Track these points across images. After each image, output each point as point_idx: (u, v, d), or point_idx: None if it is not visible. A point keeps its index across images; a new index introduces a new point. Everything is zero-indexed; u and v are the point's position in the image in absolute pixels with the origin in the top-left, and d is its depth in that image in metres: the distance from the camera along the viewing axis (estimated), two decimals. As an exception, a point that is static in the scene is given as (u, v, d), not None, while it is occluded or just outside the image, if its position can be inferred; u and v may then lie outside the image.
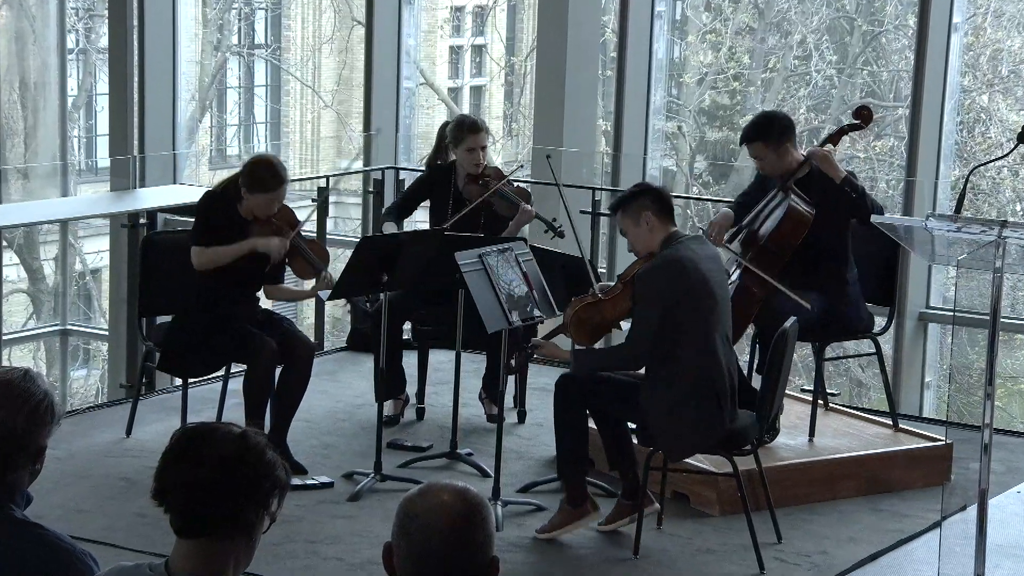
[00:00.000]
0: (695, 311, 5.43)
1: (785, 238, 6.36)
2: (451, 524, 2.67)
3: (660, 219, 5.53)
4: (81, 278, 17.03)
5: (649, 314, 5.46)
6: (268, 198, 6.28)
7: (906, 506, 6.30)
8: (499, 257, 5.93)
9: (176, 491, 2.76)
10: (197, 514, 2.75)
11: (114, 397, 8.58)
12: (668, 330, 5.44)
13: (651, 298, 5.46)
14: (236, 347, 6.34)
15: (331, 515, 6.04)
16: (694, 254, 5.47)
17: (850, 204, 6.31)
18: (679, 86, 16.97)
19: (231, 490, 2.74)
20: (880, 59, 16.51)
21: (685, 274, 5.44)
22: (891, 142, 15.96)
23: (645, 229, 5.54)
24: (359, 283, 6.42)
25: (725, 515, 6.06)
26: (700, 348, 5.44)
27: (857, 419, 6.99)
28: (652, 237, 5.54)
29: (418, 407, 7.32)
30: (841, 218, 6.43)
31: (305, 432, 6.94)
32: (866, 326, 6.67)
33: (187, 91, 16.41)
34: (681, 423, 5.47)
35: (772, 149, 6.42)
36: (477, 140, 7.08)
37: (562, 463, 5.83)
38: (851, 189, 6.31)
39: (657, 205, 5.53)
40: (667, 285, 5.44)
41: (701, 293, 5.44)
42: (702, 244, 5.61)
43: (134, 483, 6.26)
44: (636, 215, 5.55)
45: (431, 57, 19.45)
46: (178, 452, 2.79)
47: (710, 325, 5.46)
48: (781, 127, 6.48)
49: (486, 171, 7.13)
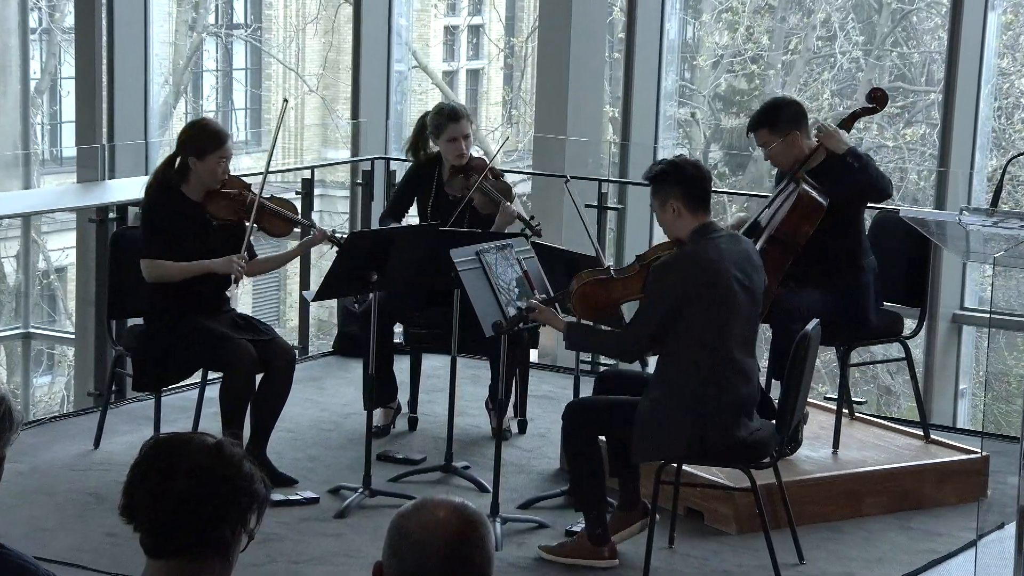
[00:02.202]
0: (708, 314, 5.42)
1: (797, 227, 6.37)
2: (447, 543, 2.67)
3: (690, 208, 5.49)
4: (45, 277, 17.03)
5: (655, 309, 5.46)
6: (218, 158, 6.33)
7: (938, 524, 6.31)
8: (498, 254, 5.93)
9: (146, 507, 2.76)
10: (169, 532, 2.75)
11: (81, 406, 8.57)
12: (676, 329, 5.42)
13: (661, 293, 5.45)
14: (212, 353, 6.35)
15: (316, 533, 6.04)
16: (720, 254, 5.44)
17: (855, 178, 6.32)
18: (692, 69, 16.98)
19: (206, 505, 2.74)
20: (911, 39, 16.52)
21: (703, 275, 5.42)
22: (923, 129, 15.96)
23: (672, 215, 5.51)
24: (347, 282, 6.42)
25: (742, 533, 6.06)
26: (709, 353, 5.42)
27: (885, 429, 6.99)
28: (680, 225, 5.50)
29: (410, 416, 7.33)
30: (853, 204, 6.46)
31: (288, 444, 6.94)
32: (884, 328, 6.67)
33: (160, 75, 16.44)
34: (654, 422, 5.45)
35: (778, 137, 6.44)
36: (459, 129, 7.08)
37: (581, 499, 5.80)
38: (854, 159, 6.35)
39: (687, 194, 5.46)
40: (680, 283, 5.43)
41: (718, 296, 5.42)
42: (735, 242, 5.56)
43: (102, 499, 6.27)
44: (663, 200, 5.51)
45: (424, 38, 19.46)
46: (148, 465, 2.79)
47: (726, 331, 5.43)
48: (790, 114, 6.51)
49: (471, 162, 7.13)
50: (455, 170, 7.12)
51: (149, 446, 2.82)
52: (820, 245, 6.43)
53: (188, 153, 6.34)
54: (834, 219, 6.41)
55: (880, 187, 6.43)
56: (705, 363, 5.43)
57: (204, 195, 6.40)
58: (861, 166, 6.35)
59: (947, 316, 8.81)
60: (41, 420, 7.58)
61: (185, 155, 6.36)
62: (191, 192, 6.40)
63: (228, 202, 6.44)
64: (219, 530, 2.75)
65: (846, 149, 6.38)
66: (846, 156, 6.37)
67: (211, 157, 6.33)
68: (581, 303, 5.69)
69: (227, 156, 6.39)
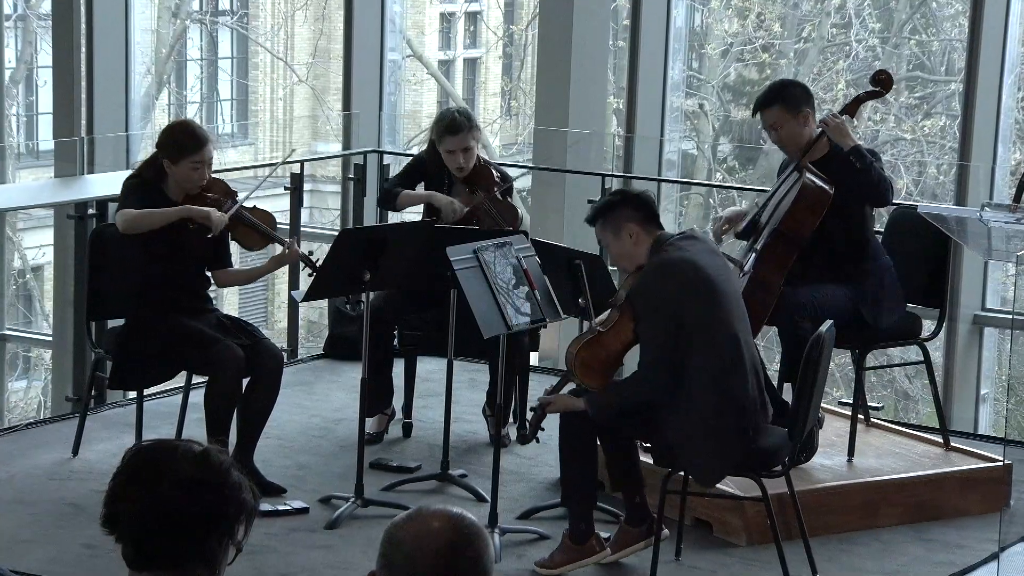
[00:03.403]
0: (703, 315, 5.45)
1: (801, 219, 6.38)
2: (438, 554, 2.67)
3: (645, 229, 5.58)
4: (21, 276, 17.04)
5: (656, 330, 5.49)
6: (194, 162, 6.33)
7: (959, 535, 6.31)
8: (496, 253, 5.94)
9: (129, 518, 2.77)
10: (153, 544, 2.76)
11: (59, 412, 8.58)
12: (679, 340, 5.45)
13: (653, 312, 5.49)
14: (197, 354, 6.35)
15: (306, 545, 6.05)
16: (687, 253, 5.50)
17: (855, 178, 6.32)
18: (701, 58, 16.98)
19: (191, 516, 2.75)
20: (930, 27, 16.53)
21: (683, 276, 5.46)
22: (942, 121, 15.98)
23: (629, 242, 5.59)
24: (338, 282, 6.42)
25: (752, 545, 6.07)
26: (715, 353, 5.45)
27: (903, 436, 6.99)
28: (639, 250, 5.59)
29: (405, 422, 7.33)
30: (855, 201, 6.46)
31: (276, 451, 6.95)
32: (901, 329, 6.66)
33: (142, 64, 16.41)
34: (708, 442, 5.48)
35: (792, 116, 6.45)
36: (456, 142, 7.05)
37: (569, 493, 5.83)
38: (856, 158, 6.33)
39: (641, 214, 5.58)
40: (666, 293, 5.47)
41: (705, 293, 5.46)
42: (694, 240, 5.64)
43: (82, 509, 6.27)
44: (617, 227, 5.60)
45: (419, 25, 19.47)
46: (131, 473, 2.79)
47: (724, 326, 5.47)
48: (803, 92, 6.55)
49: (478, 173, 7.09)
50: (464, 182, 7.10)
51: (132, 454, 2.82)
52: (824, 237, 6.42)
53: (163, 156, 6.36)
54: (837, 214, 6.40)
55: (879, 193, 6.40)
56: (714, 364, 5.44)
57: (184, 197, 6.41)
58: (864, 167, 6.33)
59: (968, 317, 8.81)
60: (17, 427, 7.57)
61: (160, 158, 6.38)
62: (171, 192, 6.41)
63: (206, 205, 6.44)
64: (205, 542, 2.76)
65: (851, 146, 6.37)
66: (850, 154, 6.35)
67: (185, 162, 6.33)
68: (585, 372, 5.69)
69: (204, 161, 6.37)
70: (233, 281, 6.91)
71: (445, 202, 7.05)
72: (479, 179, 7.09)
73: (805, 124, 6.47)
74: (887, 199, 6.47)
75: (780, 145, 6.58)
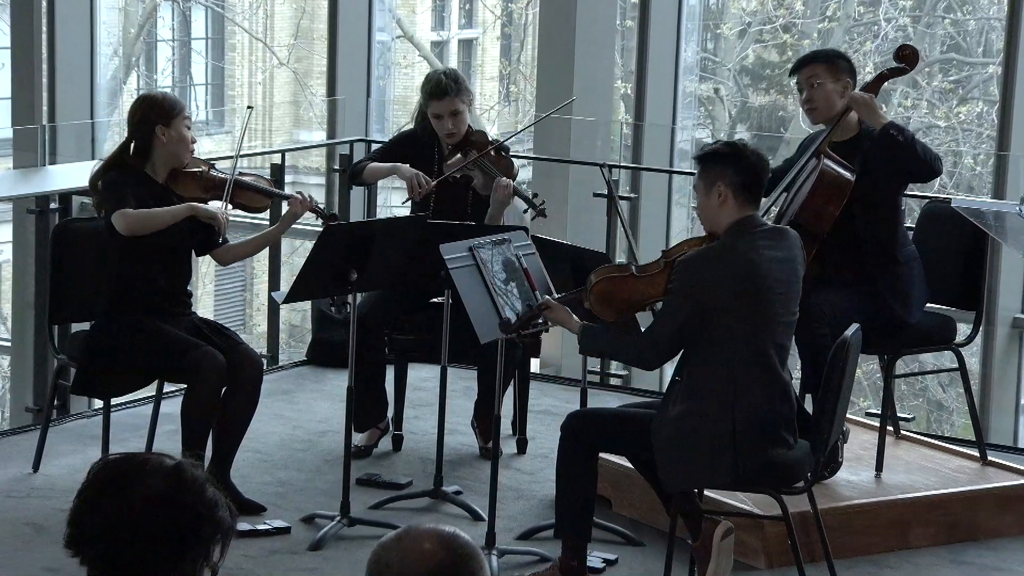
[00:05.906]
0: (739, 319, 5.42)
1: (819, 209, 6.38)
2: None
3: (737, 198, 5.51)
4: (-23, 276, 17.04)
5: (678, 310, 5.47)
6: (186, 118, 6.41)
7: (996, 558, 6.32)
8: (494, 250, 5.95)
9: (95, 538, 2.77)
10: (121, 566, 2.77)
11: (18, 423, 8.58)
12: (703, 335, 5.44)
13: (686, 292, 5.46)
14: (174, 361, 6.34)
15: (287, 567, 6.06)
16: (757, 253, 5.44)
17: (898, 155, 6.32)
18: (716, 39, 17.00)
19: (162, 536, 2.75)
20: (966, 5, 16.55)
21: (736, 277, 5.42)
22: (979, 107, 16.00)
23: (716, 202, 5.52)
24: (322, 282, 6.42)
25: (772, 568, 6.08)
26: (741, 363, 5.44)
27: (936, 450, 7.01)
28: (722, 215, 5.52)
29: (395, 434, 7.34)
30: (889, 186, 6.46)
31: (256, 466, 6.96)
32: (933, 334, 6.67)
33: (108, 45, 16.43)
34: (687, 445, 5.46)
35: (833, 77, 6.49)
36: (443, 106, 7.06)
37: (562, 523, 5.82)
38: (897, 132, 6.34)
39: (741, 180, 5.49)
40: (709, 281, 5.44)
41: (751, 299, 5.42)
42: (778, 241, 5.56)
43: (42, 529, 6.27)
44: (711, 182, 5.53)
45: (410, 4, 19.49)
46: (98, 490, 2.80)
47: (760, 339, 5.44)
48: (848, 63, 6.63)
49: (470, 137, 7.09)
50: (453, 148, 7.10)
51: (98, 469, 2.83)
52: (848, 233, 6.42)
53: (154, 123, 6.37)
54: (865, 203, 6.41)
55: (928, 165, 6.39)
56: (740, 375, 5.43)
57: (169, 175, 6.44)
58: (907, 141, 6.34)
59: (1006, 321, 8.82)
60: (-27, 439, 7.58)
61: (149, 128, 6.38)
62: (155, 173, 6.43)
63: (196, 181, 6.49)
64: (178, 564, 2.77)
65: (886, 122, 6.38)
66: (888, 128, 6.36)
67: (178, 120, 6.41)
68: (599, 300, 5.70)
69: (188, 124, 6.48)
70: (240, 254, 6.87)
71: (410, 174, 7.02)
72: (471, 140, 7.08)
73: (842, 94, 6.50)
74: (938, 169, 6.46)
75: (810, 107, 6.56)
